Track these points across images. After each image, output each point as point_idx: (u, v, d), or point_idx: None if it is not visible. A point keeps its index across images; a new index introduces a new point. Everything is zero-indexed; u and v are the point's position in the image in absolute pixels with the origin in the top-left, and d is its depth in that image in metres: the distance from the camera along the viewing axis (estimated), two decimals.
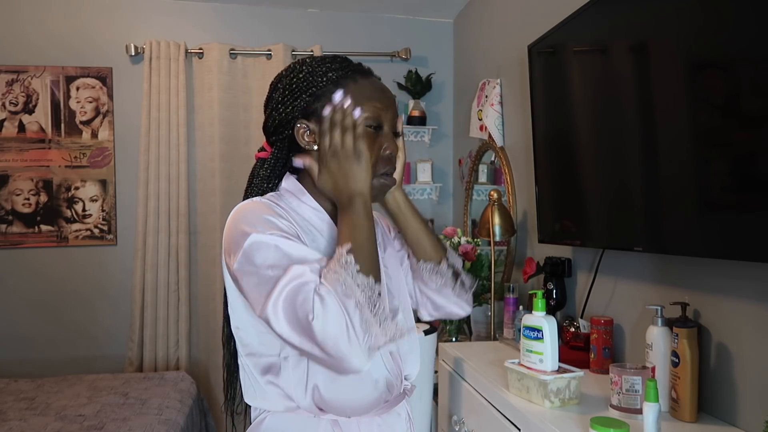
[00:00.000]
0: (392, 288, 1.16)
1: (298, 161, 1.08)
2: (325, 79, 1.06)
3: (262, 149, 1.16)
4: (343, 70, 1.08)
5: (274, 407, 1.06)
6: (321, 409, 1.04)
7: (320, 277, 0.91)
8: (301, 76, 1.08)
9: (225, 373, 1.20)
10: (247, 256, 0.95)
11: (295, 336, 0.89)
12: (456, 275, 1.23)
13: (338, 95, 1.03)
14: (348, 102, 1.02)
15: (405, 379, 1.17)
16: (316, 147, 1.07)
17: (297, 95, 1.07)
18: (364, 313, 0.88)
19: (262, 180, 1.13)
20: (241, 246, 0.96)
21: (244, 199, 1.11)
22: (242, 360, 1.08)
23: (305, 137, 1.07)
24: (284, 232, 0.97)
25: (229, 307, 1.09)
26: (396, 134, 1.11)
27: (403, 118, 1.15)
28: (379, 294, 0.91)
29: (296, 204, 1.09)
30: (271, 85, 1.14)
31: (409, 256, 1.24)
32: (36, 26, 3.12)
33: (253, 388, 1.07)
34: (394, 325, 0.92)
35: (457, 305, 1.25)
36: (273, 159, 1.12)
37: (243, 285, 0.97)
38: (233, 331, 1.09)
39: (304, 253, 0.95)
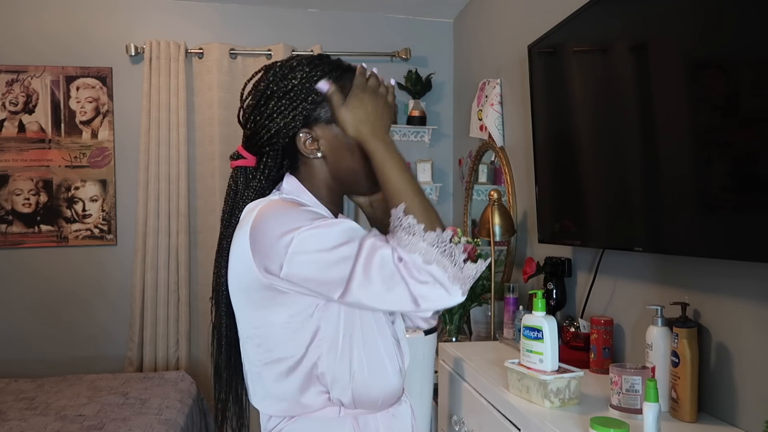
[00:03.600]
0: None
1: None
2: (306, 84, 1.04)
3: (238, 156, 1.12)
4: (339, 70, 1.07)
5: (298, 410, 1.05)
6: (354, 406, 1.06)
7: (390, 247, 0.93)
8: (296, 82, 1.04)
9: (230, 383, 1.16)
10: (300, 249, 0.94)
11: (394, 303, 0.93)
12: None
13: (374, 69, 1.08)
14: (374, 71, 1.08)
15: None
16: (320, 155, 1.07)
17: (296, 104, 1.04)
18: (448, 269, 0.92)
19: (255, 192, 1.10)
20: (288, 244, 0.94)
21: (227, 211, 1.11)
22: (258, 368, 1.06)
23: (307, 145, 1.06)
24: (324, 216, 1.01)
25: (244, 317, 1.06)
26: None
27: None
28: (450, 239, 0.94)
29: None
30: (254, 92, 1.09)
31: None
32: (36, 26, 3.12)
33: (273, 393, 1.06)
34: (472, 264, 0.95)
35: (420, 318, 1.25)
36: (266, 170, 1.10)
37: (303, 277, 0.95)
38: (248, 340, 1.06)
39: (355, 226, 0.98)
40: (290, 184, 1.10)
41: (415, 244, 0.92)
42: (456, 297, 0.93)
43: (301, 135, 1.05)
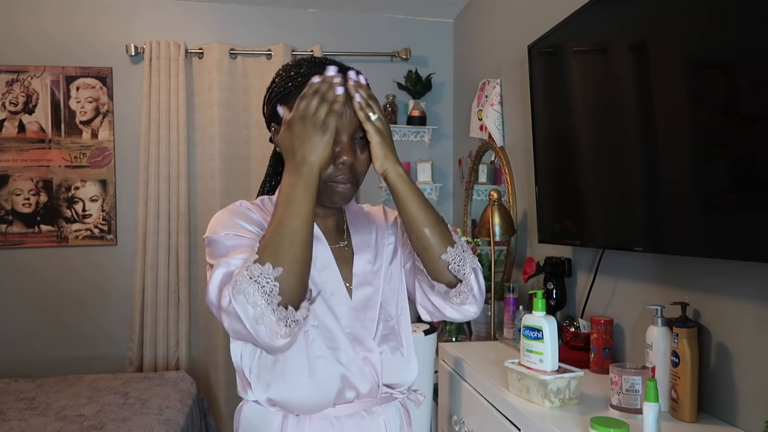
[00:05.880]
0: (374, 282, 1.15)
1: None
2: (290, 84, 1.08)
3: None
4: (305, 76, 1.07)
5: (252, 397, 1.10)
6: (273, 405, 1.09)
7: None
8: (276, 80, 1.12)
9: None
10: (207, 252, 1.05)
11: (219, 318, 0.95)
12: (457, 277, 1.08)
13: (331, 70, 1.02)
14: (338, 78, 1.00)
15: (389, 387, 1.14)
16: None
17: (271, 100, 1.12)
18: (257, 307, 0.89)
19: (265, 177, 1.24)
20: (206, 245, 1.06)
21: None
22: (235, 357, 1.12)
23: (275, 138, 1.12)
24: (244, 230, 1.03)
25: None
26: (363, 139, 1.07)
27: (351, 75, 1.06)
28: (276, 280, 0.90)
29: None
30: None
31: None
32: (36, 26, 3.12)
33: (240, 380, 1.13)
34: (290, 312, 0.91)
35: (454, 309, 1.11)
36: (271, 158, 1.22)
37: None
38: None
39: (245, 245, 1.00)
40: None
41: (241, 273, 0.90)
42: (261, 338, 0.90)
43: (273, 129, 1.13)
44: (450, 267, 1.07)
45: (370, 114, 1.04)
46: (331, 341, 1.07)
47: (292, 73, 1.09)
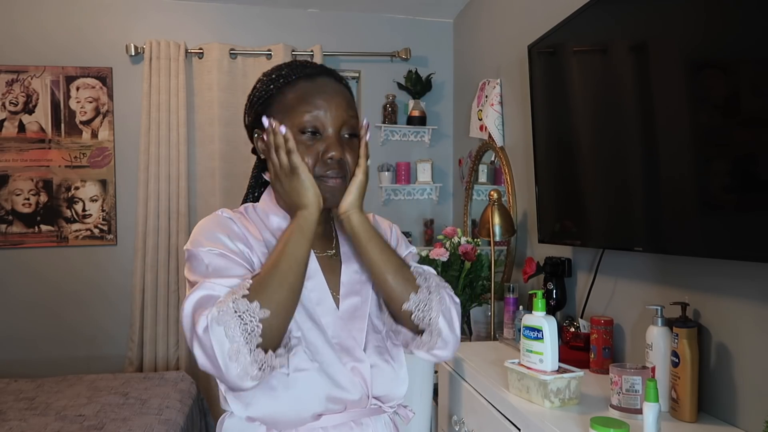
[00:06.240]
0: (362, 292, 1.13)
1: (268, 175, 1.10)
2: (272, 86, 1.08)
3: None
4: (287, 77, 1.07)
5: (230, 409, 1.07)
6: (253, 421, 1.04)
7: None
8: (257, 86, 1.11)
9: None
10: (186, 267, 1.02)
11: (190, 344, 0.92)
12: (421, 324, 1.05)
13: (264, 121, 1.04)
14: (274, 123, 1.02)
15: (378, 400, 1.11)
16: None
17: (252, 107, 1.11)
18: (234, 342, 0.87)
19: (248, 189, 1.20)
20: (186, 258, 1.02)
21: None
22: None
23: (260, 145, 1.10)
24: (226, 249, 1.00)
25: None
26: (353, 136, 1.06)
27: (364, 122, 1.07)
28: (260, 321, 0.88)
29: (268, 216, 1.10)
30: None
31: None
32: (36, 26, 3.12)
33: (221, 392, 1.08)
34: (269, 357, 0.90)
35: (427, 353, 1.09)
36: (254, 168, 1.19)
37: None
38: None
39: (228, 267, 0.98)
40: (265, 194, 1.14)
41: (226, 303, 0.89)
42: (227, 376, 0.88)
43: (255, 135, 1.11)
44: (413, 316, 1.05)
45: (368, 158, 1.07)
46: (315, 353, 1.03)
47: (273, 76, 1.09)
